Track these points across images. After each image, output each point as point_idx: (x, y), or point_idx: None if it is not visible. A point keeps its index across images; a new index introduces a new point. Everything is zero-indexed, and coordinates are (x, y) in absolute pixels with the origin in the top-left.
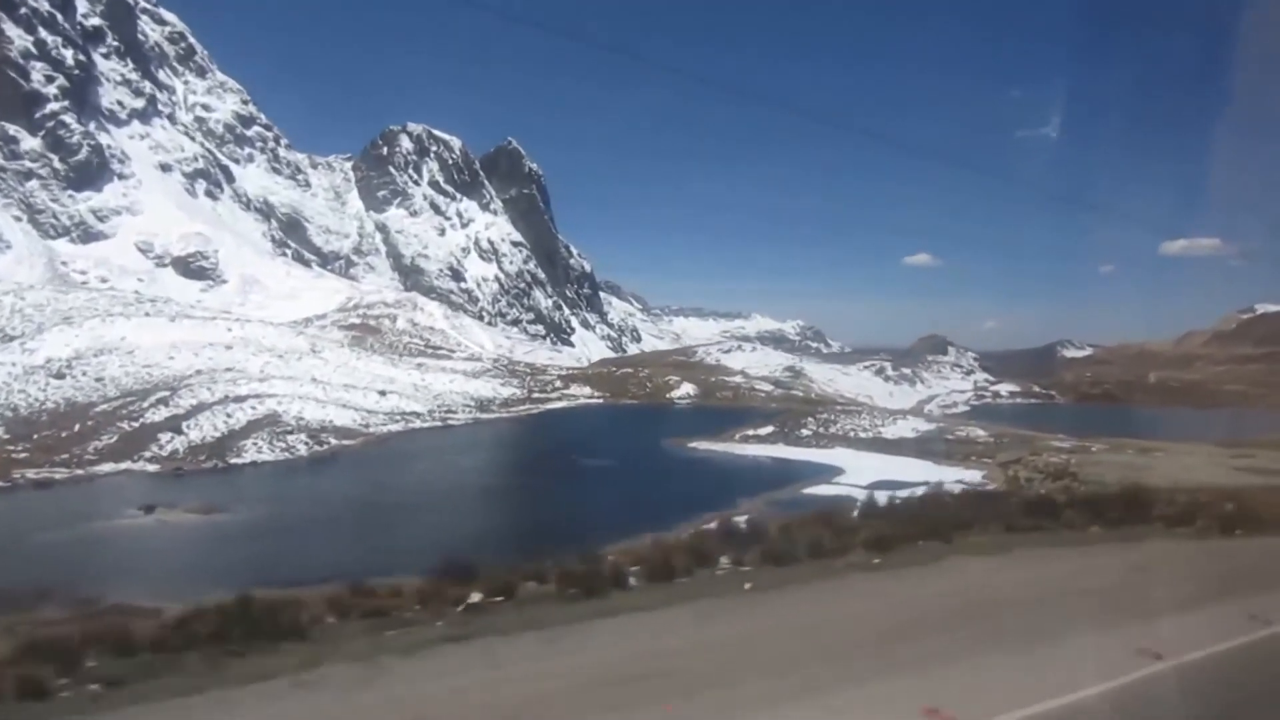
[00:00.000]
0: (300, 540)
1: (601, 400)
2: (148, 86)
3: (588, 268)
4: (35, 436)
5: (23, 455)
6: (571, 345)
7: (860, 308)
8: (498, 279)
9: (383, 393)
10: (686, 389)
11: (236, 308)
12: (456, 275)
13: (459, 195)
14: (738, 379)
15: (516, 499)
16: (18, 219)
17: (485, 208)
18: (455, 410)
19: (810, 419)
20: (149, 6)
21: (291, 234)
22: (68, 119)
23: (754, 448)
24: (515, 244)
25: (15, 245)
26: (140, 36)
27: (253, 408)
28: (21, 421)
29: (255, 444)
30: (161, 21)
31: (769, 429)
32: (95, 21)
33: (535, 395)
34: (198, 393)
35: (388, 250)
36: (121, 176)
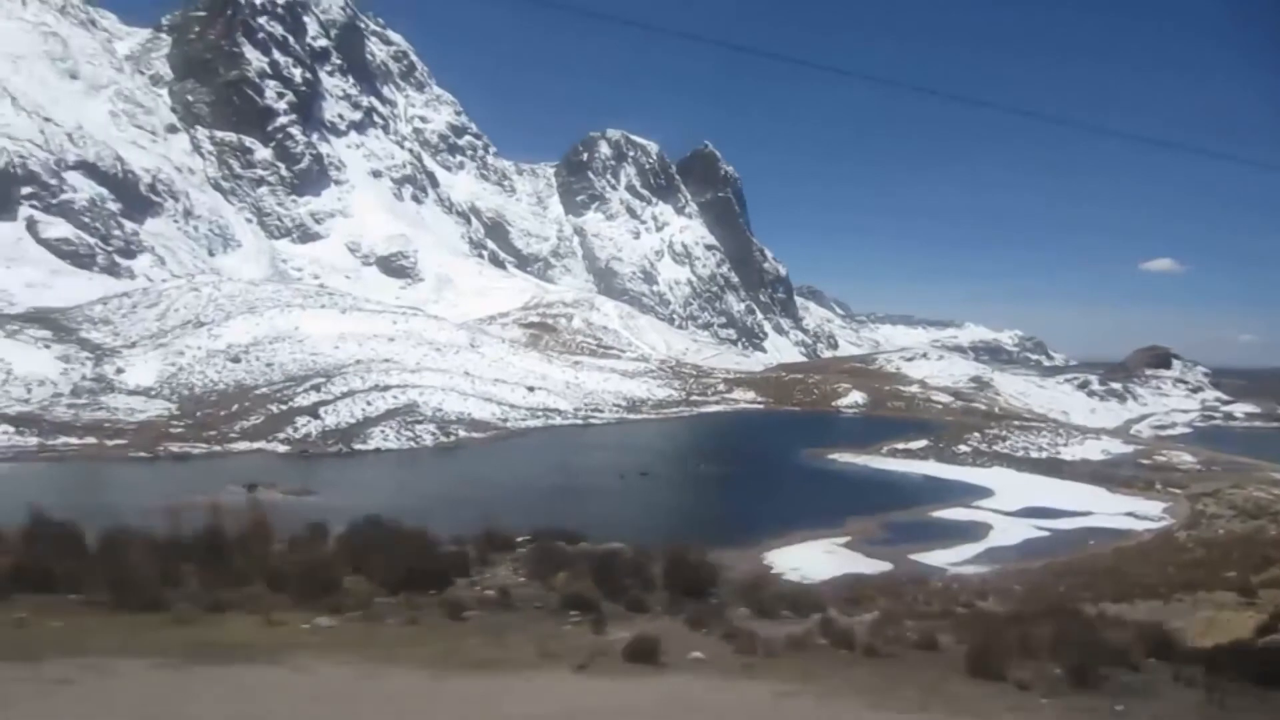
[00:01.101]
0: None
1: (762, 406)
2: (365, 100)
3: (783, 272)
4: (198, 414)
5: (179, 430)
6: (763, 351)
7: (1086, 316)
8: (690, 282)
9: (530, 388)
10: (855, 397)
11: (431, 304)
12: (649, 278)
13: (654, 199)
14: (914, 389)
15: (587, 501)
16: (249, 221)
17: (680, 211)
18: (601, 409)
19: (976, 434)
20: (377, 29)
21: (495, 237)
22: (294, 131)
23: (900, 462)
24: (709, 248)
25: (245, 244)
26: (368, 56)
27: (394, 397)
28: (193, 400)
29: (382, 432)
30: (388, 42)
31: (922, 443)
32: (323, 43)
33: (693, 398)
34: (350, 380)
35: (584, 253)
36: (338, 183)
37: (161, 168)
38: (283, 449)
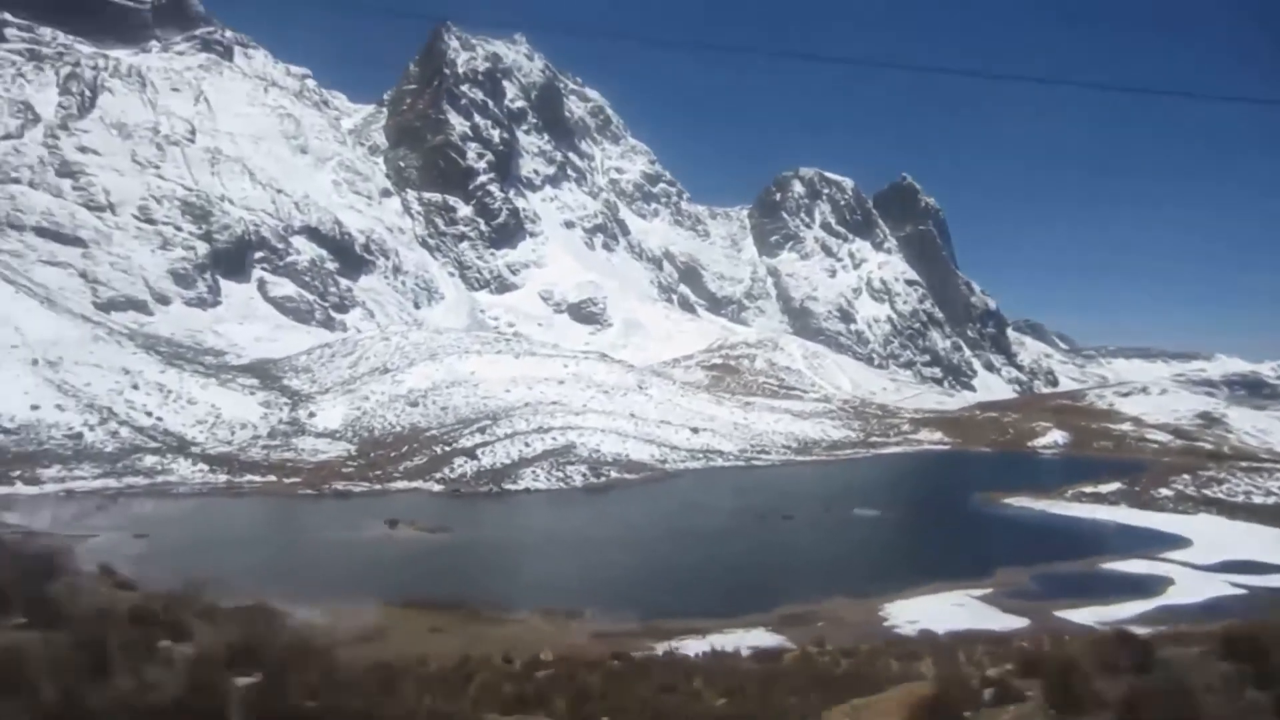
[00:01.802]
0: (471, 562)
1: (948, 446)
2: (559, 155)
3: (993, 306)
4: (371, 455)
5: (350, 470)
6: (971, 389)
7: None
8: (890, 320)
9: (695, 430)
10: (1054, 437)
11: (619, 348)
12: (846, 317)
13: (851, 236)
14: (1125, 427)
15: (714, 543)
16: (451, 274)
17: (878, 247)
18: (768, 451)
19: (1185, 476)
20: (575, 87)
21: (689, 281)
22: (492, 188)
23: (1084, 508)
24: (910, 283)
25: (448, 296)
26: (566, 114)
27: (553, 439)
28: (371, 441)
29: (533, 472)
30: (585, 99)
31: (1115, 486)
32: (520, 104)
33: (872, 439)
34: (515, 422)
35: (778, 293)
36: (532, 235)
37: (374, 229)
38: (437, 488)
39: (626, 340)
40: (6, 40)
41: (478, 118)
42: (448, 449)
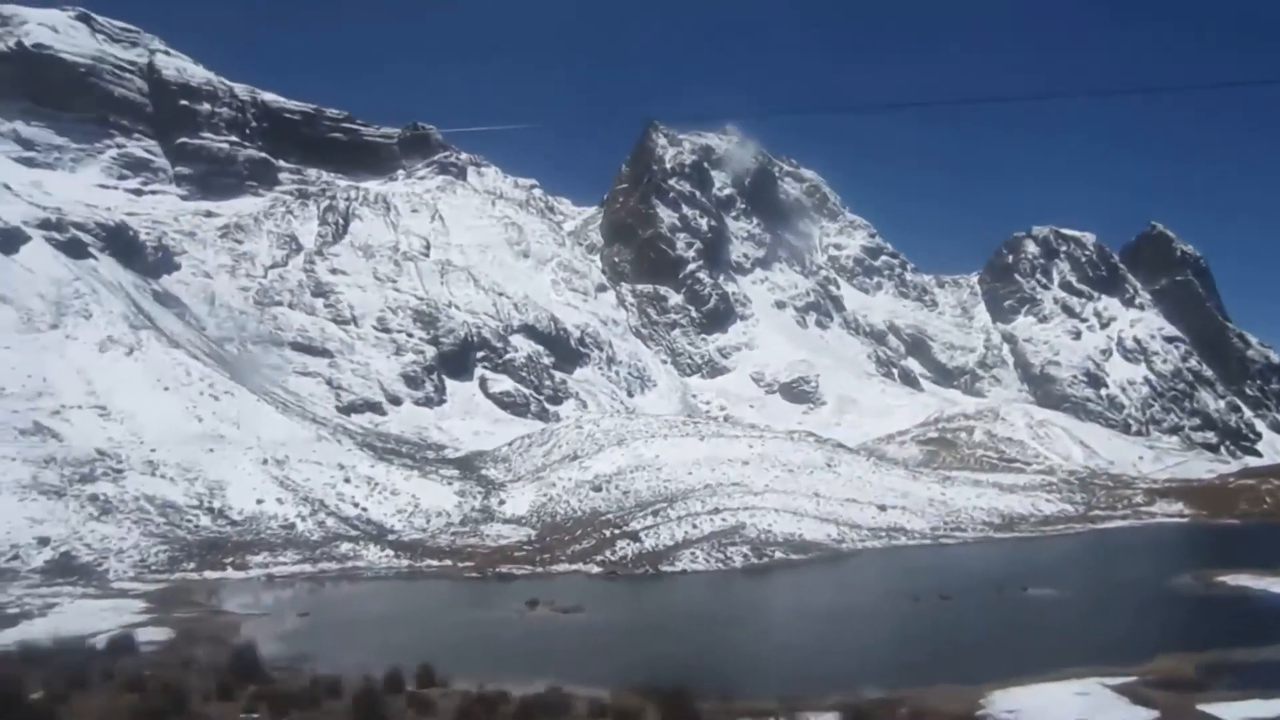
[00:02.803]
0: (581, 640)
1: (1185, 519)
2: (768, 238)
3: (1276, 359)
4: (546, 539)
5: (522, 554)
6: (1255, 454)
7: None
8: (1147, 381)
9: (882, 507)
10: None
11: (832, 426)
12: (1095, 381)
13: (1096, 294)
14: None
15: (856, 624)
16: (664, 362)
17: (1129, 303)
18: (964, 528)
19: None
20: (790, 169)
21: (916, 353)
22: (701, 275)
23: None
24: (1170, 339)
25: (660, 383)
26: (780, 196)
27: (723, 520)
28: (551, 526)
29: (692, 554)
30: (801, 179)
31: None
32: (728, 192)
33: (1093, 513)
34: (689, 504)
35: (1015, 360)
36: (742, 318)
37: (589, 323)
38: (596, 570)
39: (840, 418)
40: (280, 183)
41: (685, 209)
42: (616, 532)
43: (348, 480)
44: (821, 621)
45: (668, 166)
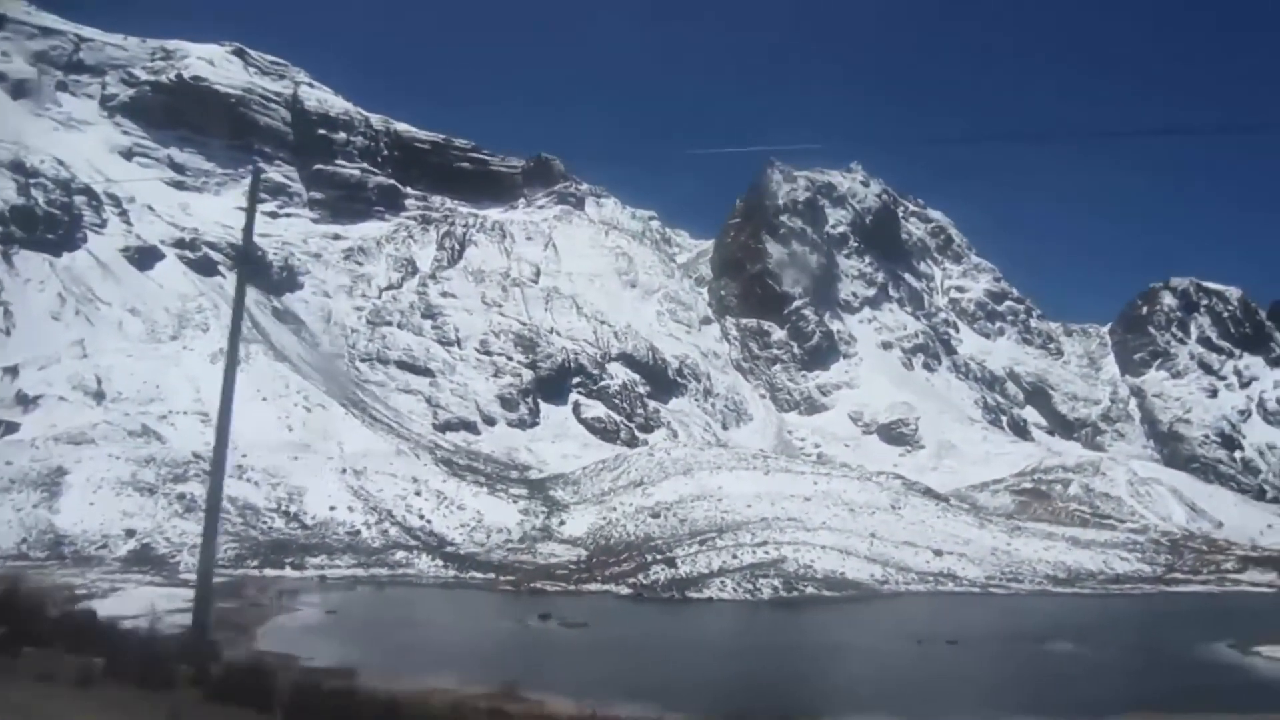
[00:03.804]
0: (577, 656)
1: (1275, 589)
2: (879, 277)
3: None
4: (594, 560)
5: (562, 573)
6: None
7: None
8: None
9: (938, 552)
10: None
11: (929, 471)
12: (1228, 442)
13: (1237, 351)
14: None
15: (847, 665)
16: (762, 396)
17: (1275, 364)
18: (1021, 579)
19: None
20: (916, 209)
21: (1036, 402)
22: (806, 312)
23: None
24: None
25: (756, 418)
26: (904, 236)
27: (766, 552)
28: (604, 549)
29: (721, 582)
30: (926, 220)
31: None
32: (841, 229)
33: (1172, 575)
34: (740, 535)
35: (1141, 416)
36: (846, 356)
37: (689, 354)
38: (625, 591)
39: (938, 462)
40: (406, 209)
41: (795, 245)
42: (658, 556)
43: (418, 493)
44: (794, 655)
45: (780, 203)
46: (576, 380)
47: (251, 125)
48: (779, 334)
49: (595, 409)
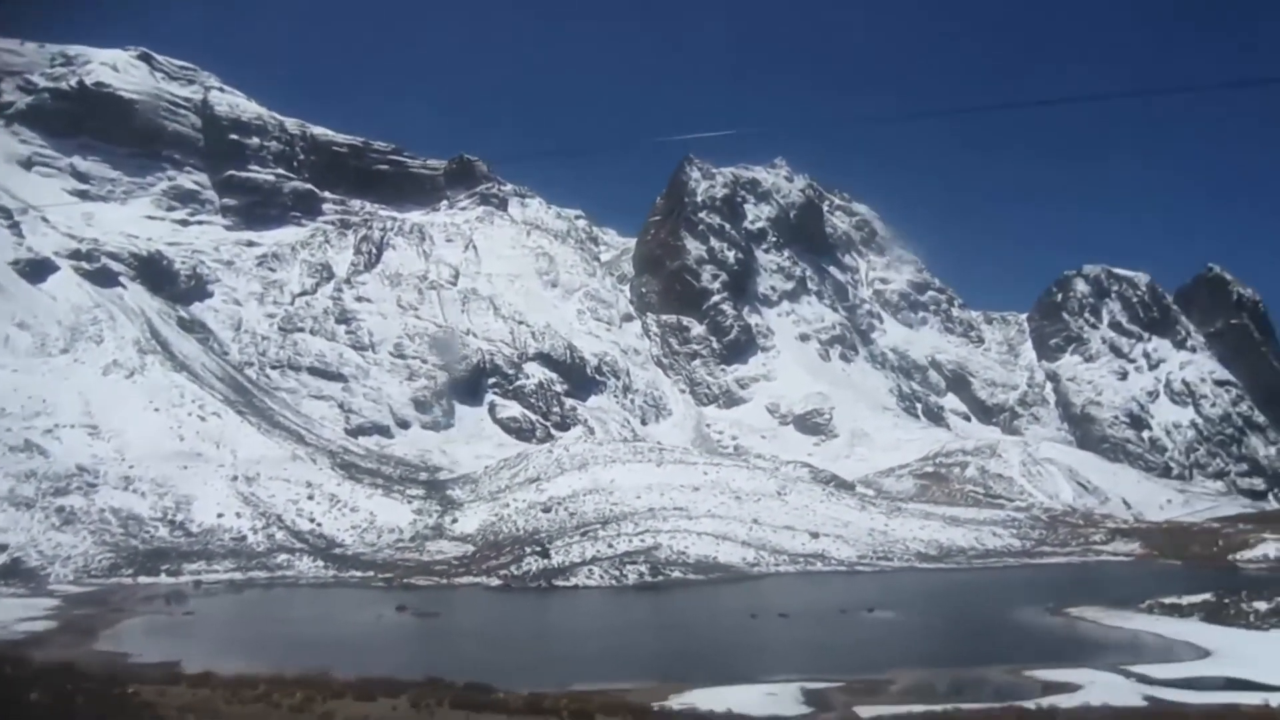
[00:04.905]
0: (409, 642)
1: (1131, 558)
2: (798, 271)
3: None
4: (478, 555)
5: (441, 568)
6: None
7: None
8: (1194, 425)
9: (815, 535)
10: (1265, 550)
11: (841, 459)
12: (1136, 422)
13: (1146, 335)
14: None
15: (671, 638)
16: (681, 391)
17: (1180, 345)
18: (890, 557)
19: None
20: (842, 203)
21: (957, 389)
22: (725, 307)
23: (1148, 620)
24: (1221, 383)
25: (675, 412)
26: (828, 230)
27: (642, 540)
28: (492, 545)
29: (589, 570)
30: (851, 213)
31: (1203, 598)
32: (760, 225)
33: (1041, 549)
34: (623, 526)
35: (1056, 399)
36: (764, 349)
37: (609, 352)
38: (495, 583)
39: (850, 450)
40: (323, 214)
41: (714, 241)
42: (536, 549)
43: (311, 497)
44: (620, 633)
45: (698, 200)
46: (492, 381)
47: (159, 132)
48: (698, 329)
49: (510, 409)
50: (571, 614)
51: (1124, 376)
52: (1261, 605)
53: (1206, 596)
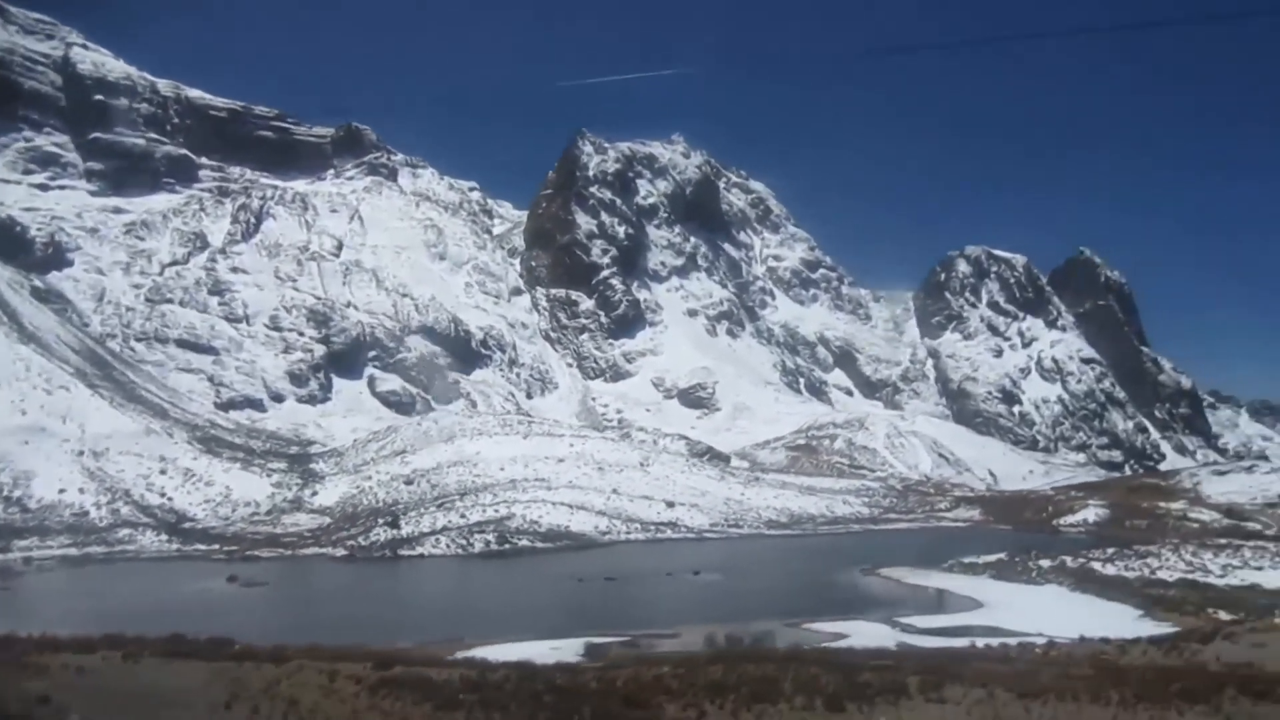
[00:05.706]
0: (227, 608)
1: (967, 524)
2: (688, 247)
3: (1186, 384)
4: (333, 526)
5: (290, 540)
6: (1158, 473)
7: None
8: (1060, 400)
9: (670, 504)
10: (1086, 515)
11: (722, 432)
12: (1008, 398)
13: (1021, 314)
14: (1177, 505)
15: (497, 598)
16: (569, 365)
17: (1052, 325)
18: (740, 525)
19: (1120, 550)
20: (738, 180)
21: (844, 365)
22: (614, 282)
23: (945, 578)
24: (1087, 361)
25: (562, 385)
26: (725, 206)
27: (495, 510)
28: (349, 517)
29: (435, 539)
30: (748, 191)
31: (997, 557)
32: (652, 200)
33: (888, 515)
34: (482, 497)
35: (936, 375)
36: (651, 324)
37: (495, 325)
38: (340, 553)
39: (732, 424)
40: (200, 181)
41: (604, 216)
42: (385, 520)
43: (163, 472)
44: (448, 596)
45: (590, 174)
46: (372, 354)
47: (15, 89)
48: (587, 304)
49: (390, 382)
50: (402, 581)
51: (999, 354)
52: (1045, 563)
53: (1001, 555)
